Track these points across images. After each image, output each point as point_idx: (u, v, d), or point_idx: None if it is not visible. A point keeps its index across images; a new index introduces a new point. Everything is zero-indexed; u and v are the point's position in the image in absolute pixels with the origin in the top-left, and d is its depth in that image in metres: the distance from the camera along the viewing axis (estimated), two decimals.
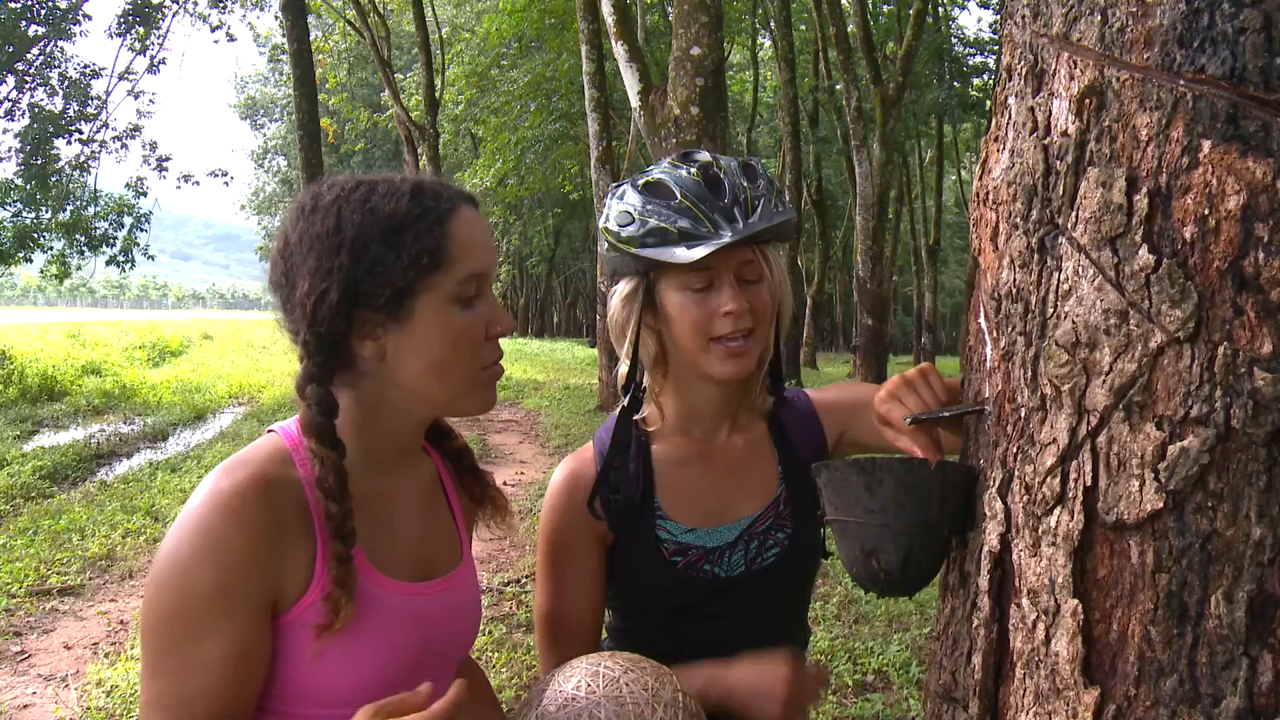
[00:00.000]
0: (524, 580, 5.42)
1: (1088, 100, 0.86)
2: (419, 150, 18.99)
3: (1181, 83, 0.80)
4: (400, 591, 1.12)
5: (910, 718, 3.64)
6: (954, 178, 33.21)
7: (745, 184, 1.33)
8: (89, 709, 3.72)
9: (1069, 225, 0.87)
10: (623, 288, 1.39)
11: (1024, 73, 0.95)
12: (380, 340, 1.08)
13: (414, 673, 1.11)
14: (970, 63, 20.36)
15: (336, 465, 1.05)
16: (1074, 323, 0.86)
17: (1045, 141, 0.91)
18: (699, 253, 1.28)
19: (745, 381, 1.44)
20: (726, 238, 1.28)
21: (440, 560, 1.21)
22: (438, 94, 19.77)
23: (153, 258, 19.41)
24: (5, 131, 16.50)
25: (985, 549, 0.96)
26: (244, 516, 0.99)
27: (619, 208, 1.37)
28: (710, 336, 1.33)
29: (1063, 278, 0.88)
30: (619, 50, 7.73)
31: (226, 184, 21.31)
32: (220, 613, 0.98)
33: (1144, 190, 0.82)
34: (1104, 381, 0.84)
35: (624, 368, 1.43)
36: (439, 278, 1.07)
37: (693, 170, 1.34)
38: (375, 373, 1.10)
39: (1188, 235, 0.80)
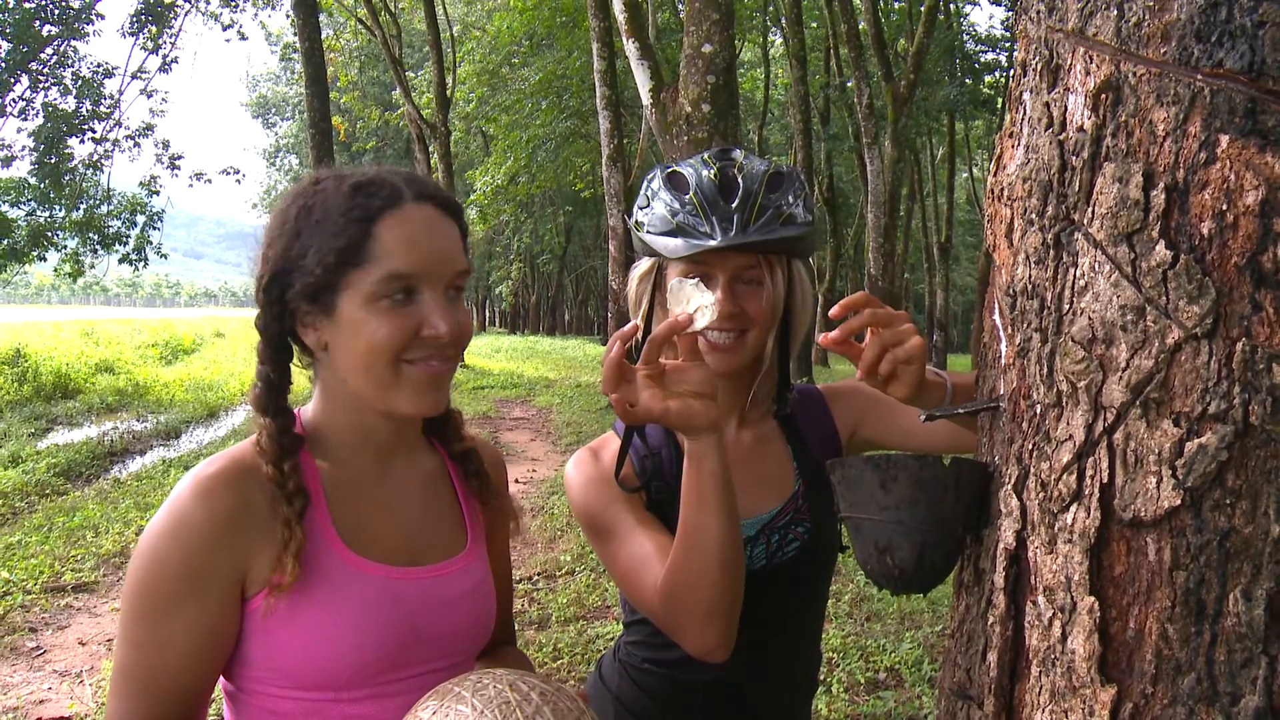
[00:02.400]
0: (535, 578, 5.42)
1: (1104, 95, 0.86)
2: (430, 148, 19.02)
3: (1199, 77, 0.79)
4: (378, 573, 1.13)
5: (923, 716, 3.63)
6: (965, 175, 33.01)
7: (761, 192, 1.34)
8: (103, 705, 3.74)
9: (1085, 221, 0.87)
10: (642, 264, 1.45)
11: (1039, 68, 0.94)
12: (319, 332, 1.10)
13: (403, 657, 1.13)
14: (982, 60, 20.27)
15: (275, 433, 1.10)
16: (1090, 319, 0.85)
17: (1061, 137, 0.90)
18: (681, 251, 1.32)
19: (747, 379, 1.45)
20: (712, 242, 1.30)
21: (433, 549, 1.22)
22: (449, 92, 19.81)
23: (165, 256, 19.49)
24: (20, 131, 16.66)
25: (1001, 546, 0.96)
26: (211, 498, 1.05)
27: (644, 190, 1.42)
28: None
29: (1079, 274, 0.87)
30: (630, 48, 7.72)
31: (239, 182, 21.39)
32: (187, 590, 1.03)
33: (1161, 185, 0.81)
34: (1121, 378, 0.83)
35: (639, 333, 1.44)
36: (357, 275, 1.06)
37: (713, 170, 1.36)
38: (325, 363, 1.14)
39: (1205, 230, 0.79)
